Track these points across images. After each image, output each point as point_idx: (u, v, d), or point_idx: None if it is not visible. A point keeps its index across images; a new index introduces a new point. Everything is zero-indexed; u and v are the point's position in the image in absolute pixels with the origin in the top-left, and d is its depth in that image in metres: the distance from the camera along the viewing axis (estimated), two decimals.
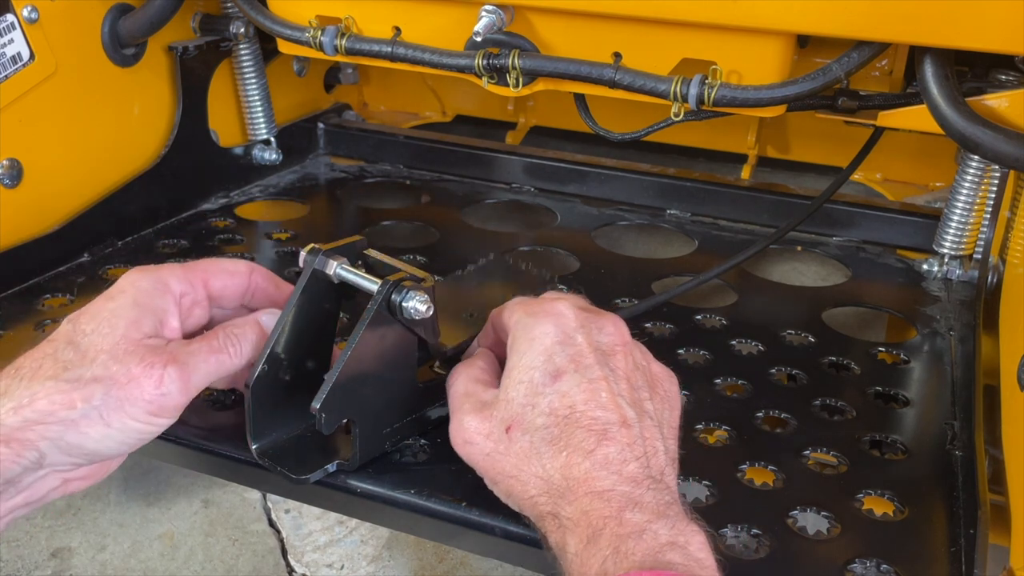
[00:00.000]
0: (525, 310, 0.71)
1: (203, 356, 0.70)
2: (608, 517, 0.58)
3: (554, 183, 1.38)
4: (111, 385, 0.65)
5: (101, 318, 0.68)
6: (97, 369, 0.65)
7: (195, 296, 0.74)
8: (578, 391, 0.64)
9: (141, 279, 0.71)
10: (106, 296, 0.70)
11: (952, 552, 0.69)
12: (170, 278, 0.72)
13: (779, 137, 1.52)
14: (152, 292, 0.70)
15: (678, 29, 0.96)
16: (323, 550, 1.36)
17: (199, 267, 0.75)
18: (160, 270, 0.73)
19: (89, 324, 0.68)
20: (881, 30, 0.87)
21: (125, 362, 0.66)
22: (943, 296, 1.09)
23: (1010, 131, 0.88)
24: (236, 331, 0.73)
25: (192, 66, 1.26)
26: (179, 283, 0.73)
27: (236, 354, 0.72)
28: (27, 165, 1.05)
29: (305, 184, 1.41)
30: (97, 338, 0.67)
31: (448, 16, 1.05)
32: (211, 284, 0.75)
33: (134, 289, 0.70)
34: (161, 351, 0.68)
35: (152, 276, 0.72)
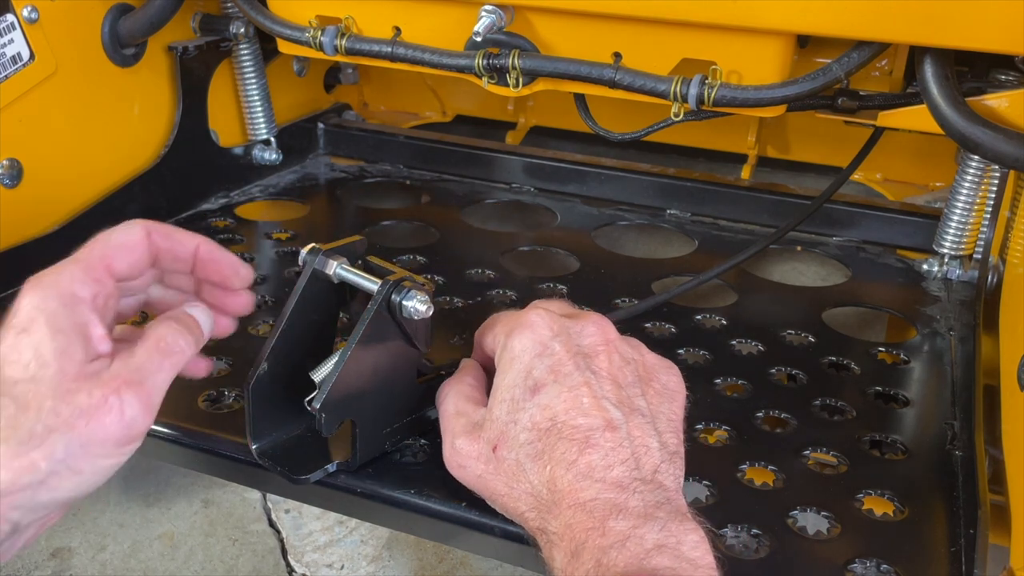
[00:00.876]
0: (504, 329, 0.70)
1: (155, 364, 0.64)
2: (591, 529, 0.57)
3: (554, 183, 1.38)
4: (69, 431, 0.58)
5: (24, 360, 0.59)
6: (47, 418, 0.58)
7: (105, 290, 0.66)
8: (559, 401, 0.63)
9: (45, 299, 0.62)
10: (16, 329, 0.61)
11: (952, 552, 0.69)
12: (74, 284, 0.64)
13: (779, 137, 1.52)
14: (64, 311, 0.62)
15: (678, 29, 0.96)
16: (323, 550, 1.36)
17: (95, 255, 0.67)
18: (59, 280, 0.63)
19: (15, 369, 0.59)
20: (881, 30, 0.87)
21: (74, 401, 0.59)
22: (943, 296, 1.09)
23: (1010, 131, 0.88)
24: (175, 322, 0.67)
25: (192, 66, 1.26)
26: (85, 286, 0.64)
27: (185, 344, 0.67)
28: (27, 165, 1.05)
29: (305, 184, 1.42)
30: (30, 385, 0.58)
31: (448, 16, 1.05)
32: (114, 268, 0.67)
33: (43, 314, 0.61)
34: (107, 376, 0.61)
35: (55, 291, 0.63)
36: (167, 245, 0.71)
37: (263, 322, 0.99)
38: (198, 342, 0.69)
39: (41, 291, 0.62)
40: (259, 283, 1.10)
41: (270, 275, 1.12)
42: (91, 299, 0.64)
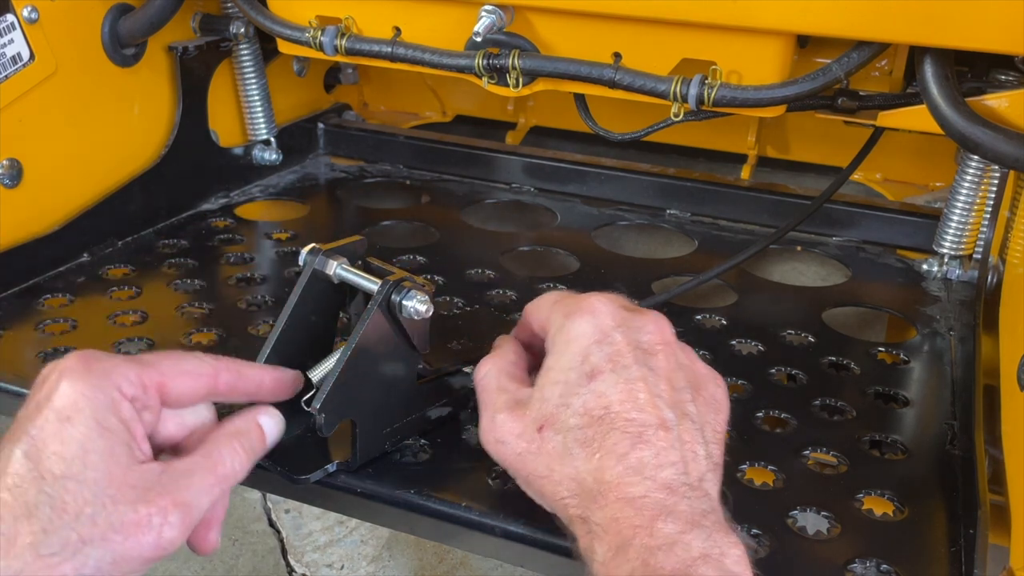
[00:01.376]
0: (562, 309, 0.68)
1: (206, 486, 0.61)
2: (639, 527, 0.56)
3: (554, 183, 1.38)
4: (104, 544, 0.55)
5: (69, 454, 0.56)
6: (84, 528, 0.55)
7: (145, 401, 0.62)
8: (614, 391, 0.62)
9: (94, 389, 0.59)
10: (57, 414, 0.57)
11: (952, 552, 0.69)
12: (122, 381, 0.60)
13: (779, 137, 1.52)
14: (110, 405, 0.59)
15: (678, 29, 0.96)
16: (323, 550, 1.36)
17: (155, 367, 0.63)
18: (110, 372, 0.60)
19: (57, 464, 0.56)
20: (881, 30, 0.87)
21: (116, 512, 0.56)
22: (943, 296, 1.09)
23: (1010, 131, 0.88)
24: (238, 440, 0.65)
25: (192, 66, 1.26)
26: (130, 386, 0.61)
27: (241, 464, 0.64)
28: (27, 165, 1.05)
29: (305, 184, 1.42)
30: (72, 484, 0.55)
31: (448, 16, 1.05)
32: (167, 389, 0.64)
33: (90, 405, 0.58)
34: (154, 492, 0.58)
35: (105, 383, 0.60)
36: (231, 384, 0.68)
37: (263, 322, 0.99)
38: (257, 458, 0.67)
39: (90, 380, 0.59)
40: (259, 283, 1.10)
41: (270, 275, 1.12)
42: (132, 400, 0.61)
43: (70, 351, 0.63)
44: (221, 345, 0.95)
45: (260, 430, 0.68)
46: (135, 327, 0.99)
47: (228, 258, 1.16)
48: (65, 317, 0.99)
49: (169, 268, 1.12)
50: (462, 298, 1.05)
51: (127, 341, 0.95)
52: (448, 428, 0.81)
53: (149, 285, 1.08)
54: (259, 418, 0.68)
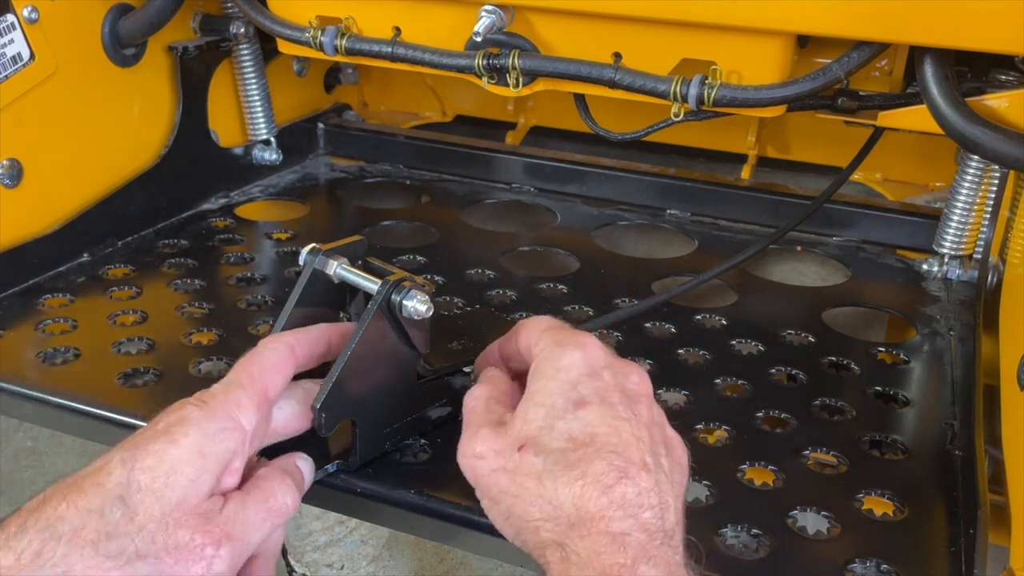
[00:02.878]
0: (554, 337, 0.68)
1: (260, 522, 0.63)
2: (623, 566, 0.56)
3: (554, 183, 1.38)
4: (156, 563, 0.57)
5: (160, 470, 0.59)
6: (142, 541, 0.57)
7: (264, 417, 0.66)
8: (601, 423, 0.62)
9: (209, 417, 0.62)
10: (167, 436, 0.60)
11: (952, 552, 0.69)
12: (242, 416, 0.63)
13: (779, 137, 1.52)
14: (220, 435, 0.62)
15: (678, 29, 0.96)
16: (323, 550, 1.36)
17: (254, 380, 0.66)
18: (226, 401, 0.63)
19: (146, 475, 0.58)
20: (881, 30, 0.87)
21: (174, 535, 0.58)
22: (943, 296, 1.09)
23: (1010, 131, 0.88)
24: (291, 477, 0.67)
25: (192, 66, 1.26)
26: (248, 415, 0.64)
27: (293, 503, 0.66)
28: (27, 165, 1.05)
29: (305, 184, 1.42)
30: (150, 498, 0.58)
31: (448, 16, 1.05)
32: (270, 393, 0.67)
33: (200, 433, 0.61)
34: (214, 523, 0.60)
35: (221, 411, 0.63)
36: (307, 352, 0.71)
37: (263, 322, 0.99)
38: (302, 495, 0.69)
39: (208, 409, 0.62)
40: (259, 283, 1.10)
41: (270, 275, 1.12)
42: (250, 432, 0.64)
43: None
44: (221, 345, 0.95)
45: (298, 469, 0.70)
46: (135, 327, 0.99)
47: (228, 258, 1.16)
48: (65, 317, 0.99)
49: (169, 268, 1.12)
50: (462, 298, 1.05)
51: (127, 341, 0.95)
52: (448, 428, 0.81)
53: (149, 285, 1.08)
54: (297, 461, 0.70)
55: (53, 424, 0.90)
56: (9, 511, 0.59)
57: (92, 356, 0.92)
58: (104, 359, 0.92)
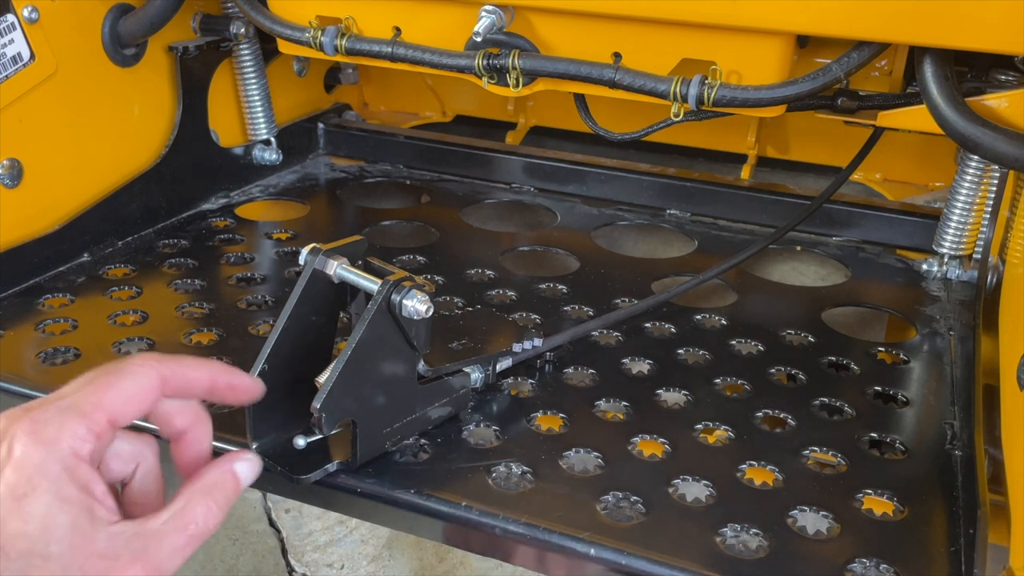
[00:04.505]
0: None
1: (178, 546, 0.59)
2: None
3: (554, 183, 1.38)
4: None
5: (31, 531, 0.54)
6: None
7: (101, 449, 0.60)
8: None
9: (46, 460, 0.56)
10: (14, 493, 0.54)
11: (952, 552, 0.69)
12: (74, 442, 0.57)
13: (779, 137, 1.52)
14: (67, 475, 0.56)
15: (678, 29, 0.96)
16: (323, 550, 1.36)
17: (100, 408, 0.59)
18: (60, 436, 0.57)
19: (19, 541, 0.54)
20: (881, 30, 0.87)
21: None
22: (943, 296, 1.09)
23: (1010, 131, 0.88)
24: (212, 496, 0.63)
25: (192, 66, 1.27)
26: (83, 443, 0.58)
27: (215, 520, 0.62)
28: (27, 165, 1.05)
29: (305, 184, 1.42)
30: (39, 560, 0.54)
31: (448, 16, 1.05)
32: (118, 422, 0.61)
33: (46, 479, 0.55)
34: (124, 557, 0.56)
35: (56, 451, 0.56)
36: (178, 386, 0.65)
37: (263, 322, 0.99)
38: (230, 504, 0.64)
39: (41, 449, 0.56)
40: (259, 283, 1.10)
41: (270, 275, 1.12)
42: (88, 455, 0.58)
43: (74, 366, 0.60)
44: (221, 345, 0.95)
45: (235, 479, 0.65)
46: (135, 327, 0.99)
47: (228, 258, 1.16)
48: (65, 317, 0.99)
49: (169, 268, 1.12)
50: (462, 298, 1.05)
51: (127, 341, 0.95)
52: (448, 428, 0.81)
53: (149, 285, 1.08)
54: (234, 466, 0.66)
55: None
56: None
57: (92, 356, 0.92)
58: (104, 359, 0.91)
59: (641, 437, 0.81)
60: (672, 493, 0.74)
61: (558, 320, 1.01)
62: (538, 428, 0.82)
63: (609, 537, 0.69)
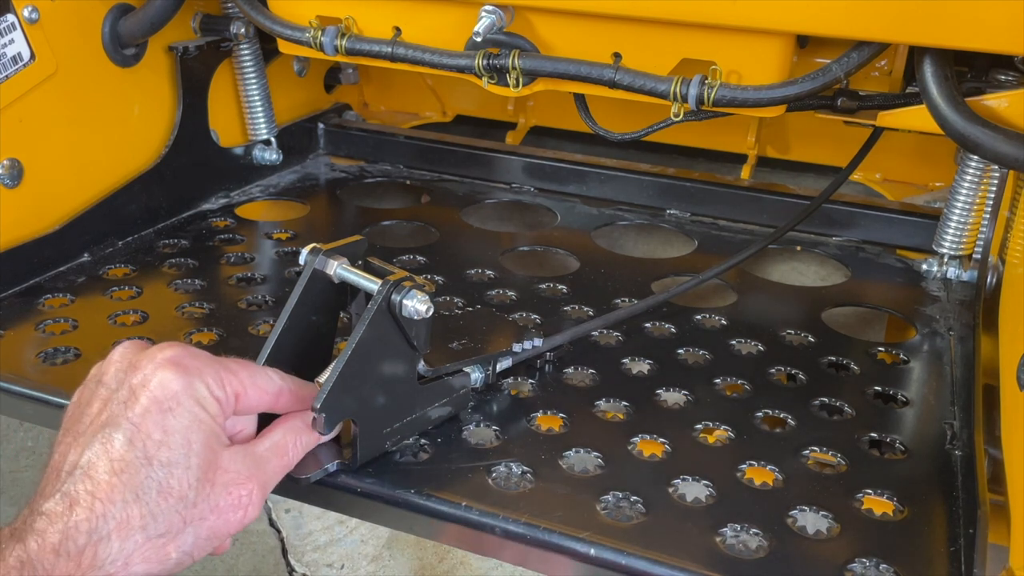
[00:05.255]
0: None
1: (278, 469, 0.69)
2: None
3: (554, 183, 1.38)
4: (202, 523, 0.62)
5: (174, 443, 0.61)
6: (186, 510, 0.61)
7: (225, 403, 0.67)
8: None
9: (187, 385, 0.63)
10: (160, 406, 0.62)
11: (952, 552, 0.69)
12: (211, 381, 0.65)
13: (779, 137, 1.52)
14: (203, 400, 0.64)
15: (678, 29, 0.96)
16: (323, 550, 1.36)
17: (236, 376, 0.67)
18: (198, 367, 0.65)
19: (162, 451, 0.61)
20: (881, 30, 0.87)
21: (214, 494, 0.63)
22: (943, 296, 1.09)
23: (1010, 131, 0.88)
24: (300, 436, 0.71)
25: (192, 66, 1.27)
26: (218, 388, 0.66)
27: (298, 458, 0.71)
28: (27, 165, 1.05)
29: (305, 184, 1.42)
30: (179, 471, 0.61)
31: (448, 16, 1.05)
32: (241, 400, 0.68)
33: (190, 399, 0.63)
34: (243, 472, 0.65)
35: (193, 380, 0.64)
36: (288, 406, 0.72)
37: (263, 322, 0.99)
38: (309, 449, 0.72)
39: (184, 375, 0.63)
40: (259, 283, 1.10)
41: (270, 275, 1.12)
42: (218, 400, 0.65)
43: (123, 339, 0.67)
44: (221, 345, 0.95)
45: (313, 433, 0.72)
46: (135, 327, 0.99)
47: (228, 258, 1.16)
48: (65, 317, 0.99)
49: (169, 268, 1.12)
50: (462, 298, 1.05)
51: (127, 341, 0.95)
52: (448, 428, 0.81)
53: (149, 285, 1.08)
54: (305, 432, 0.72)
55: (53, 424, 0.89)
56: (10, 510, 0.59)
57: (92, 356, 0.92)
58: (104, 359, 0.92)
59: (641, 437, 0.81)
60: (672, 493, 0.74)
61: (558, 320, 1.01)
62: (538, 428, 0.82)
63: (609, 537, 0.69)
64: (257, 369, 0.70)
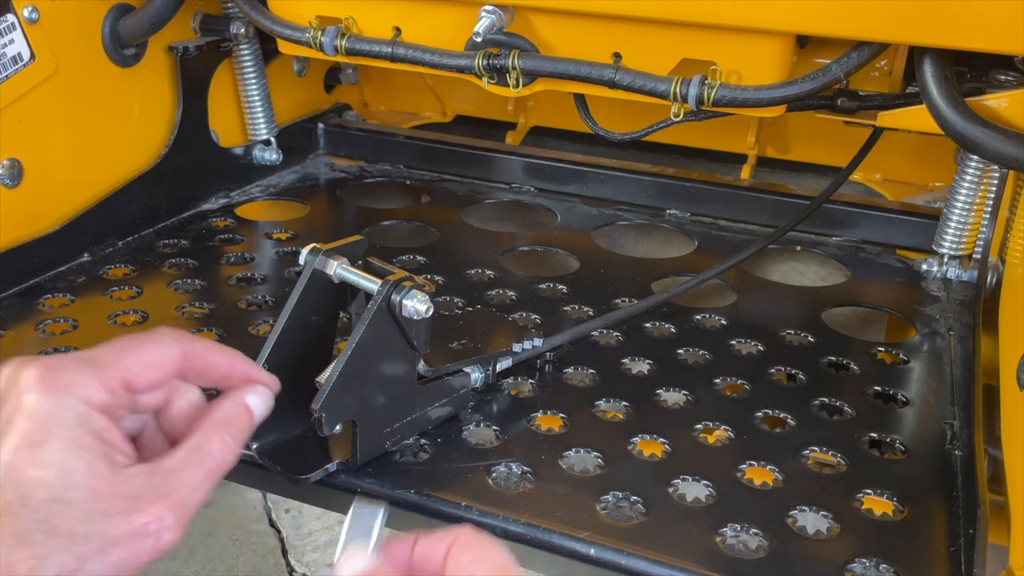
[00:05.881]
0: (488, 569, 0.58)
1: (198, 480, 0.59)
2: None
3: (554, 183, 1.38)
4: (103, 558, 0.54)
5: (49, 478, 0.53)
6: (79, 547, 0.53)
7: (118, 402, 0.59)
8: None
9: (59, 406, 0.55)
10: (30, 441, 0.54)
11: (952, 552, 0.69)
12: (87, 392, 0.57)
13: (779, 137, 1.52)
14: (79, 421, 0.56)
15: (678, 29, 0.96)
16: (323, 550, 1.36)
17: (117, 366, 0.59)
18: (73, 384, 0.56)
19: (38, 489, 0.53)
20: (881, 30, 0.87)
21: (110, 526, 0.54)
22: (943, 296, 1.09)
23: (1010, 131, 0.88)
24: (227, 430, 0.62)
25: (192, 66, 1.27)
26: (97, 394, 0.57)
27: (231, 454, 0.61)
28: (27, 165, 1.05)
29: (305, 184, 1.42)
30: (60, 507, 0.53)
31: (448, 16, 1.05)
32: (134, 385, 0.60)
33: (60, 426, 0.55)
34: (146, 496, 0.56)
35: (70, 398, 0.56)
36: (199, 368, 0.64)
37: (263, 322, 0.99)
38: (246, 440, 0.64)
39: (53, 396, 0.55)
40: (259, 283, 1.10)
41: (270, 275, 1.12)
42: (102, 407, 0.58)
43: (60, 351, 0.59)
44: None
45: (249, 412, 0.64)
46: (135, 327, 0.99)
47: (228, 258, 1.16)
48: (65, 317, 0.99)
49: (169, 268, 1.12)
50: (462, 298, 1.05)
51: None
52: (448, 428, 0.81)
53: (149, 285, 1.08)
54: (246, 398, 0.65)
55: None
56: None
57: None
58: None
59: (641, 437, 0.81)
60: (672, 493, 0.74)
61: (558, 320, 1.01)
62: (538, 428, 0.82)
63: (609, 537, 0.69)
64: (146, 343, 0.61)
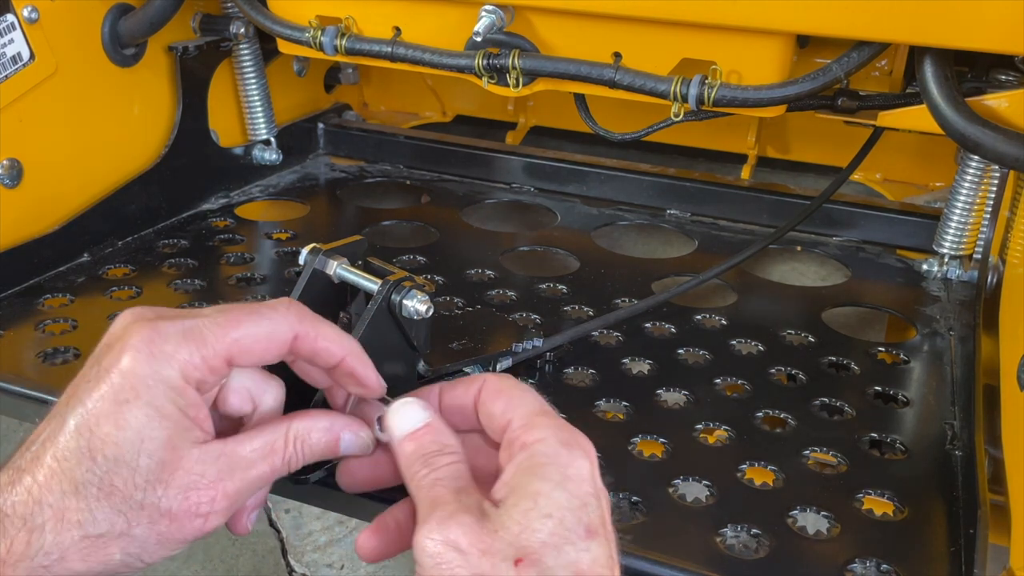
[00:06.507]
0: (556, 433, 0.58)
1: (260, 477, 0.58)
2: None
3: (554, 183, 1.38)
4: (151, 527, 0.55)
5: (123, 439, 0.54)
6: (132, 511, 0.54)
7: (212, 381, 0.59)
8: (603, 560, 0.54)
9: (156, 373, 0.55)
10: (116, 396, 0.55)
11: (952, 552, 0.69)
12: (187, 368, 0.56)
13: (779, 137, 1.52)
14: (171, 392, 0.56)
15: (678, 29, 0.96)
16: (323, 550, 1.36)
17: (219, 337, 0.58)
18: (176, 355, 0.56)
19: (108, 447, 0.54)
20: (881, 30, 0.87)
21: (166, 498, 0.55)
22: (943, 296, 1.09)
23: (1010, 131, 0.88)
24: (305, 444, 0.61)
25: (192, 66, 1.26)
26: (196, 371, 0.57)
27: (296, 467, 0.61)
28: (27, 165, 1.05)
29: (305, 184, 1.42)
30: (125, 470, 0.54)
31: (448, 16, 1.05)
32: (238, 362, 0.59)
33: (149, 392, 0.55)
34: (208, 475, 0.56)
35: (168, 368, 0.56)
36: (307, 352, 0.62)
37: None
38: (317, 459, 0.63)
39: (152, 363, 0.55)
40: (259, 283, 1.10)
41: (270, 275, 1.12)
42: (197, 384, 0.57)
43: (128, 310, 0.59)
44: None
45: (335, 446, 0.63)
46: None
47: (228, 258, 1.16)
48: (65, 317, 0.99)
49: (169, 268, 1.12)
50: (462, 298, 1.05)
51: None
52: None
53: (149, 285, 1.08)
54: (344, 433, 0.64)
55: None
56: None
57: None
58: None
59: (641, 437, 0.81)
60: (672, 493, 0.74)
61: (558, 320, 1.01)
62: None
63: None
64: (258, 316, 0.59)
